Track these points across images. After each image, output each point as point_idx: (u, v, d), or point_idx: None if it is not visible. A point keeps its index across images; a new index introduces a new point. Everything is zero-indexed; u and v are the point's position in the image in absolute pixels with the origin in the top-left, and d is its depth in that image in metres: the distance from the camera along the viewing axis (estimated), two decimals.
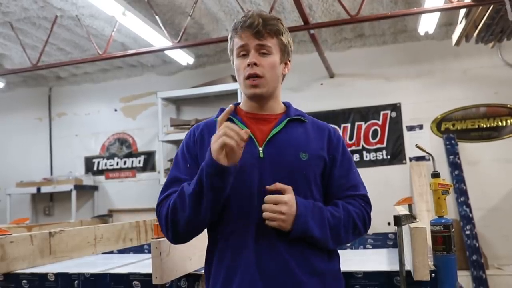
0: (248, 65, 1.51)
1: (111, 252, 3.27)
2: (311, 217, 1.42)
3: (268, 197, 1.40)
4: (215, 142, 1.32)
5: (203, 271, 2.06)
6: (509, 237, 4.85)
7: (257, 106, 1.59)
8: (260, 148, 1.50)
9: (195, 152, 1.56)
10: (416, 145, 2.02)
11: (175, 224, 1.44)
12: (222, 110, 1.62)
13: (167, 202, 1.47)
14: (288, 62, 1.63)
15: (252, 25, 1.50)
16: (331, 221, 1.46)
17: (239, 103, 1.67)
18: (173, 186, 1.51)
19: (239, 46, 1.54)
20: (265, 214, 1.39)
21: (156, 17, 4.11)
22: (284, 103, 1.67)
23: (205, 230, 1.55)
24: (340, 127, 5.41)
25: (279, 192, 1.41)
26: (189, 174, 1.51)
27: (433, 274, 1.71)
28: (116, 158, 6.29)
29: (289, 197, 1.40)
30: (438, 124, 5.24)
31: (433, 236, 1.77)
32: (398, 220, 1.59)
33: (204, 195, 1.36)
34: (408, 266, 1.80)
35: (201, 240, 2.23)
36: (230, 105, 1.42)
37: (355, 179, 1.60)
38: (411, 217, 1.66)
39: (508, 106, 5.08)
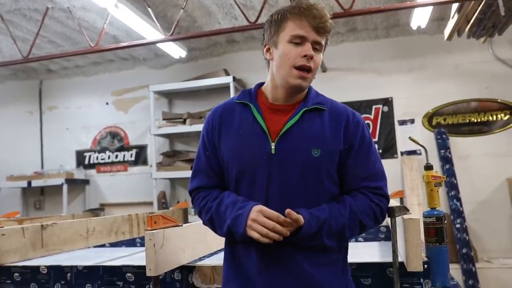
0: (305, 56, 1.47)
1: (103, 246, 3.26)
2: (311, 236, 1.41)
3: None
4: (255, 229, 1.36)
5: (196, 263, 2.08)
6: (498, 230, 4.91)
7: (284, 96, 1.55)
8: (273, 144, 1.46)
9: (213, 140, 1.58)
10: (409, 137, 2.04)
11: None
12: (243, 92, 1.62)
13: (203, 203, 1.57)
14: None
15: (316, 18, 1.46)
16: (333, 229, 1.42)
17: (263, 84, 1.63)
18: (198, 176, 1.62)
19: (296, 34, 1.47)
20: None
21: (149, 9, 4.08)
22: None
23: None
24: None
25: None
26: (208, 164, 1.59)
27: (425, 265, 1.73)
28: (107, 152, 6.25)
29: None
30: (430, 119, 5.27)
31: (425, 227, 1.78)
32: (392, 212, 1.60)
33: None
34: (400, 258, 1.81)
35: (195, 233, 2.23)
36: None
37: (371, 168, 1.53)
38: (405, 209, 1.67)
39: (499, 101, 5.12)
